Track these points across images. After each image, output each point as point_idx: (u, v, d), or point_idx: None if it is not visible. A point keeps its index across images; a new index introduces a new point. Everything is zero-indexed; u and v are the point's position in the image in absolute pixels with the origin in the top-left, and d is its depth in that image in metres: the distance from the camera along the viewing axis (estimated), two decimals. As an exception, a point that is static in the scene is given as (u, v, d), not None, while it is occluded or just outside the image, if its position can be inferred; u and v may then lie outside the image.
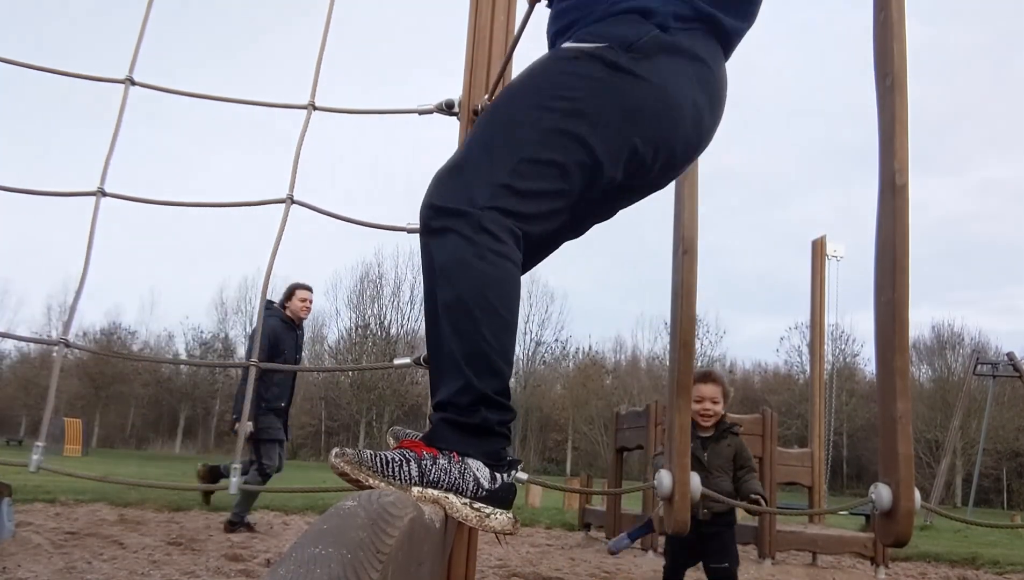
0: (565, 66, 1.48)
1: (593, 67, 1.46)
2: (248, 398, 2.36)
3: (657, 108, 1.47)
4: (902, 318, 1.34)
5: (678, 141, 1.53)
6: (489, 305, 1.36)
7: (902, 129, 1.33)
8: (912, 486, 1.69)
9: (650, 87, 1.46)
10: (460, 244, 1.37)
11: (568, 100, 1.44)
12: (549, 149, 1.43)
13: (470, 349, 1.35)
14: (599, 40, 1.48)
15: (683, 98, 1.50)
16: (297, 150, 2.46)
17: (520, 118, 1.45)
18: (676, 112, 1.49)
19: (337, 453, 1.31)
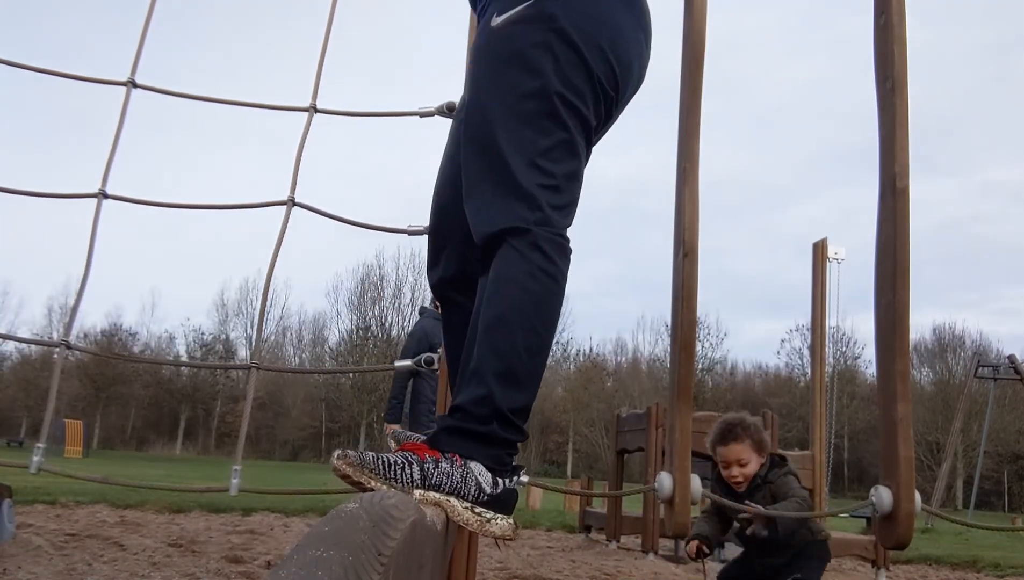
0: (510, 43, 1.52)
1: (534, 31, 1.50)
2: (249, 401, 2.36)
3: (600, 31, 1.53)
4: (903, 321, 1.35)
5: (632, 60, 1.60)
6: (529, 323, 1.38)
7: (903, 132, 1.33)
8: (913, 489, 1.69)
9: (588, 12, 1.52)
10: (515, 259, 1.42)
11: (534, 76, 1.49)
12: (549, 132, 1.48)
13: (501, 364, 1.37)
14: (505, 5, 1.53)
15: (619, 18, 1.56)
16: (298, 152, 2.47)
17: (512, 117, 1.49)
18: (618, 31, 1.56)
19: (339, 455, 1.31)
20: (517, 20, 1.51)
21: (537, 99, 1.48)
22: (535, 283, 1.40)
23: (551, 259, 1.42)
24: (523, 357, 1.37)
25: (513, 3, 1.53)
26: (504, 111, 1.49)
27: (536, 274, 1.40)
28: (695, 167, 1.89)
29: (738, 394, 44.00)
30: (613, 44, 1.54)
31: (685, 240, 1.97)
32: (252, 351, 8.85)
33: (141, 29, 2.55)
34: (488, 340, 1.38)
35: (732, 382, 46.23)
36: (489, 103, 1.52)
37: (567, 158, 1.50)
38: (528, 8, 1.51)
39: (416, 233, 2.29)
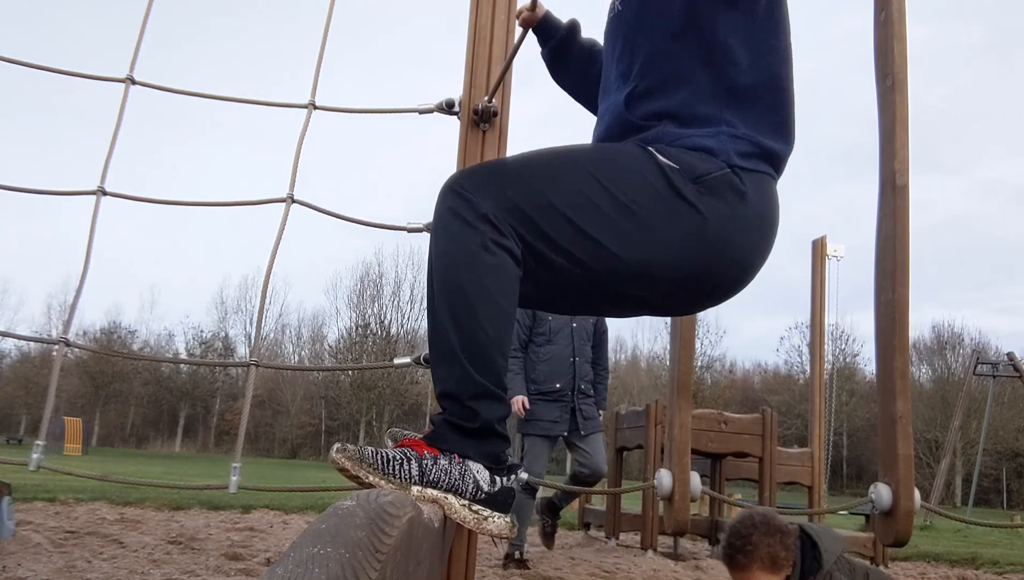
0: (641, 165, 1.47)
1: (660, 181, 1.45)
2: (248, 398, 2.36)
3: (704, 244, 1.46)
4: (902, 318, 1.35)
5: (708, 280, 1.52)
6: (488, 295, 1.36)
7: (903, 129, 1.33)
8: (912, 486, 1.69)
9: (704, 223, 1.45)
10: (463, 229, 1.38)
11: (628, 196, 1.43)
12: (584, 218, 1.41)
13: (467, 339, 1.35)
14: (671, 160, 1.47)
15: (736, 241, 1.49)
16: (297, 149, 2.46)
17: (575, 176, 1.44)
18: (723, 254, 1.49)
19: (338, 448, 1.31)
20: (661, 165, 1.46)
21: (612, 202, 1.42)
22: (488, 254, 1.37)
23: (503, 233, 1.39)
24: (487, 331, 1.36)
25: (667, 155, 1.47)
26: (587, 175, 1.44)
27: (488, 245, 1.38)
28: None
29: (737, 391, 44.04)
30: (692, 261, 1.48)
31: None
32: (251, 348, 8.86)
33: (140, 26, 2.55)
34: (451, 318, 1.37)
35: (731, 380, 46.27)
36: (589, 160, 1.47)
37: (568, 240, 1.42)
38: (674, 170, 1.45)
39: (415, 230, 2.29)
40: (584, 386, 5.01)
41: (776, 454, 6.08)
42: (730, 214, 1.47)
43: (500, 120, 2.19)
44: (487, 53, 2.24)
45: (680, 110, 1.54)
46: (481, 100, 2.17)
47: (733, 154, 1.49)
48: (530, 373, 4.94)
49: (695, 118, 1.53)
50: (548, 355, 4.96)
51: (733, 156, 1.49)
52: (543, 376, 4.92)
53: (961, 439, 28.46)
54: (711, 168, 1.47)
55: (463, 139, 2.18)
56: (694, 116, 1.53)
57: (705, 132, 1.51)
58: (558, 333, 4.98)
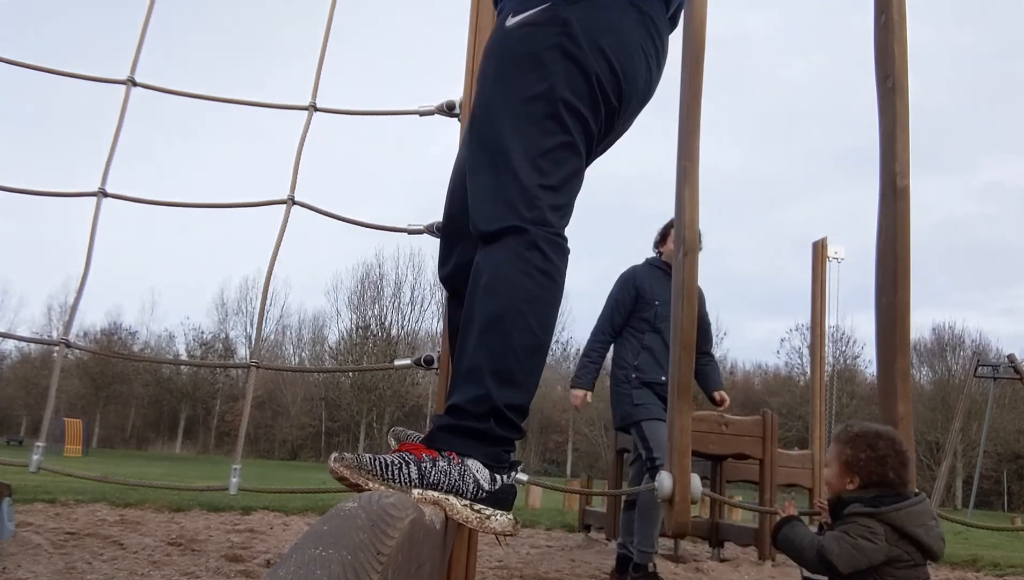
0: (523, 45, 1.53)
1: (546, 34, 1.51)
2: (248, 400, 2.36)
3: (611, 41, 1.54)
4: (903, 320, 1.35)
5: (638, 73, 1.60)
6: (525, 323, 1.37)
7: (903, 131, 1.33)
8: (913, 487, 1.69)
9: (601, 21, 1.53)
10: (510, 258, 1.41)
11: (543, 78, 1.50)
12: (552, 134, 1.49)
13: (498, 363, 1.36)
14: (537, 1, 1.54)
15: (630, 32, 1.57)
16: (298, 151, 2.47)
17: (517, 116, 1.50)
18: (627, 43, 1.56)
19: (336, 458, 1.31)
20: (530, 22, 1.53)
21: (543, 101, 1.49)
22: (532, 282, 1.39)
23: (548, 258, 1.42)
24: (520, 357, 1.37)
25: (528, 5, 1.55)
26: (509, 110, 1.50)
27: (533, 273, 1.39)
28: (695, 166, 1.89)
29: (738, 393, 44.00)
30: (620, 54, 1.55)
31: (685, 239, 1.97)
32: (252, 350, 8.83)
33: (141, 27, 2.55)
34: (485, 339, 1.37)
35: (732, 381, 46.25)
36: (495, 101, 1.53)
37: (568, 160, 1.51)
38: (542, 12, 1.52)
39: (415, 232, 2.29)
40: None
41: (777, 456, 6.08)
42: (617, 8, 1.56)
43: (501, 122, 2.19)
44: (488, 55, 2.24)
45: None
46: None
47: None
48: (630, 359, 4.37)
49: None
50: (651, 343, 4.37)
51: None
52: (646, 366, 4.34)
53: (962, 441, 28.45)
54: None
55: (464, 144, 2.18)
56: None
57: None
58: (664, 320, 4.26)
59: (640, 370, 4.32)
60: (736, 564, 5.73)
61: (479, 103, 1.59)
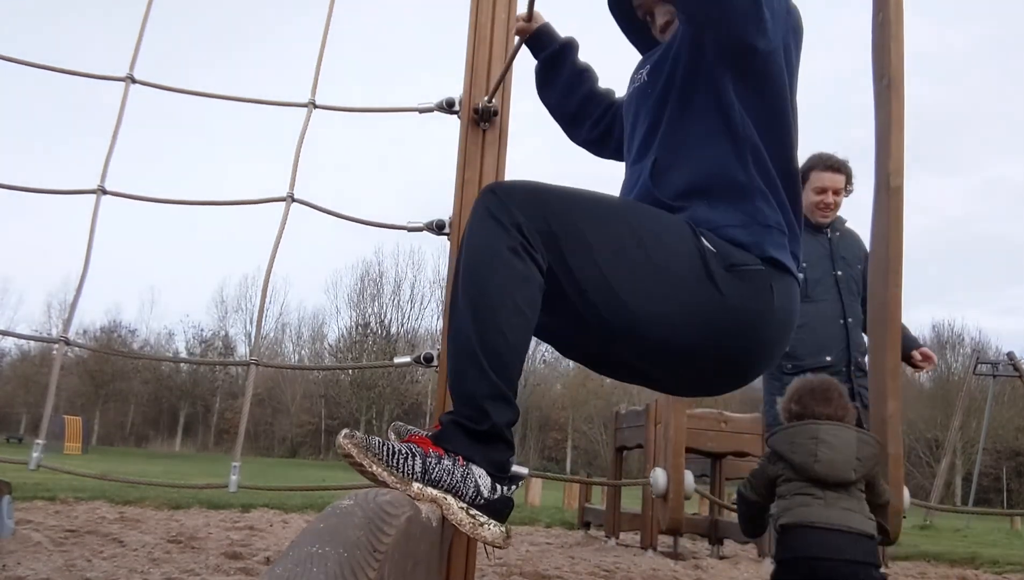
0: (683, 239, 1.49)
1: (696, 258, 1.47)
2: (248, 397, 2.36)
3: (716, 325, 1.49)
4: (895, 318, 1.35)
5: (714, 363, 1.55)
6: (512, 300, 1.37)
7: (898, 130, 1.33)
8: (902, 486, 1.70)
9: (724, 305, 1.48)
10: (497, 231, 1.39)
11: (660, 257, 1.46)
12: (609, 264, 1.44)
13: (488, 339, 1.36)
14: (711, 244, 1.50)
15: (746, 334, 1.52)
16: (297, 148, 2.47)
17: (614, 221, 1.46)
18: (734, 341, 1.52)
19: (347, 434, 1.31)
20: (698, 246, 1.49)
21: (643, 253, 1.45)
22: (517, 260, 1.38)
23: (533, 245, 1.40)
24: (507, 335, 1.37)
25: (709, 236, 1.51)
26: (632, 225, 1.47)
27: (519, 251, 1.38)
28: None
29: (737, 392, 43.93)
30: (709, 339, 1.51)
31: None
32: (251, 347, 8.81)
33: (140, 25, 2.55)
34: (473, 317, 1.38)
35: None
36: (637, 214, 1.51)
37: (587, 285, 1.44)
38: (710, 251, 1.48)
39: (415, 229, 2.29)
40: (861, 359, 3.45)
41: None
42: (752, 303, 1.50)
43: (500, 120, 2.19)
44: (487, 53, 2.24)
45: (708, 184, 1.57)
46: (481, 99, 2.17)
47: (766, 245, 1.53)
48: None
49: (724, 195, 1.56)
50: (807, 316, 3.18)
51: (767, 248, 1.53)
52: (804, 347, 3.43)
53: (961, 438, 28.45)
54: (747, 260, 1.51)
55: (463, 138, 2.19)
56: (723, 193, 1.56)
57: (738, 221, 1.54)
58: (817, 285, 3.53)
59: (794, 356, 3.40)
60: (735, 561, 5.73)
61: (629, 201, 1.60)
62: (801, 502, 2.05)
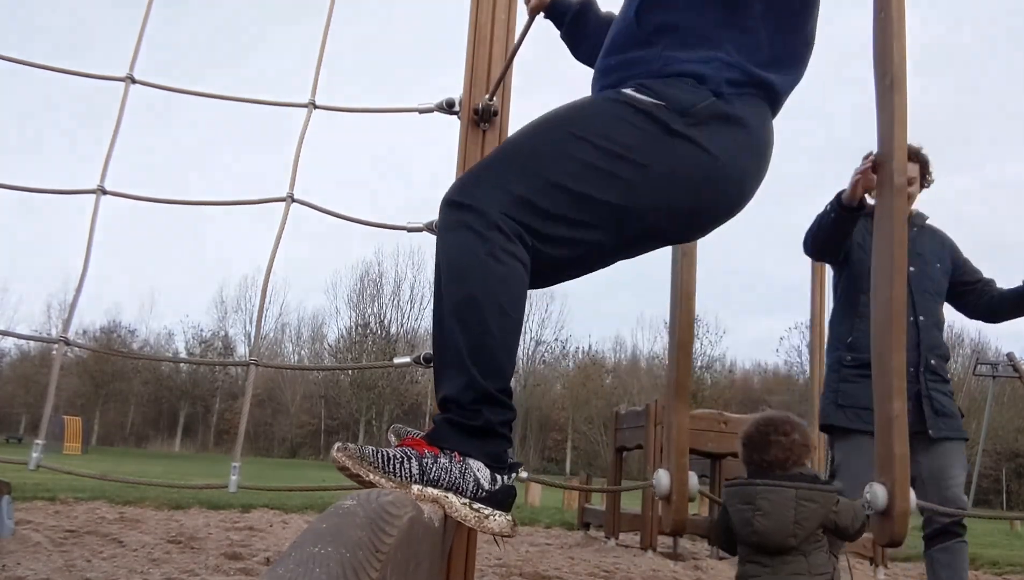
0: (620, 111, 1.46)
1: (647, 123, 1.44)
2: (248, 397, 2.36)
3: (704, 178, 1.46)
4: (899, 318, 1.35)
5: (717, 209, 1.54)
6: (497, 303, 1.36)
7: (901, 130, 1.33)
8: (907, 486, 1.70)
9: (702, 156, 1.45)
10: (472, 240, 1.38)
11: (619, 144, 1.42)
12: (584, 183, 1.41)
13: (475, 345, 1.35)
14: (656, 97, 1.46)
15: (733, 169, 1.49)
16: (297, 149, 2.46)
17: (562, 143, 1.43)
18: (723, 184, 1.50)
19: (339, 447, 1.31)
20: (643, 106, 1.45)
21: (606, 155, 1.41)
22: (496, 263, 1.37)
23: (511, 239, 1.38)
24: (496, 336, 1.37)
25: (647, 92, 1.46)
26: (572, 138, 1.43)
27: (497, 253, 1.37)
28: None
29: (737, 392, 44.03)
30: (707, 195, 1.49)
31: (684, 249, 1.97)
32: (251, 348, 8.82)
33: (140, 24, 2.55)
34: (459, 325, 1.37)
35: (731, 380, 46.28)
36: (568, 122, 1.47)
37: (578, 210, 1.41)
38: (659, 106, 1.44)
39: (415, 230, 2.29)
40: (935, 362, 3.12)
41: (776, 454, 6.08)
42: (731, 143, 1.48)
43: (500, 119, 2.19)
44: (487, 52, 2.24)
45: (682, 22, 1.54)
46: (481, 99, 2.17)
47: (722, 82, 1.49)
48: (843, 334, 3.14)
49: (695, 35, 1.52)
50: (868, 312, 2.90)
51: (722, 84, 1.49)
52: (866, 339, 2.96)
53: (961, 439, 28.42)
54: (697, 99, 1.46)
55: (463, 138, 2.19)
56: (694, 31, 1.52)
57: (698, 56, 1.50)
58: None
59: (854, 348, 3.09)
60: (735, 562, 5.73)
61: (548, 114, 1.52)
62: (752, 571, 2.08)
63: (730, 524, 2.15)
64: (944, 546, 2.89)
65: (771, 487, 2.04)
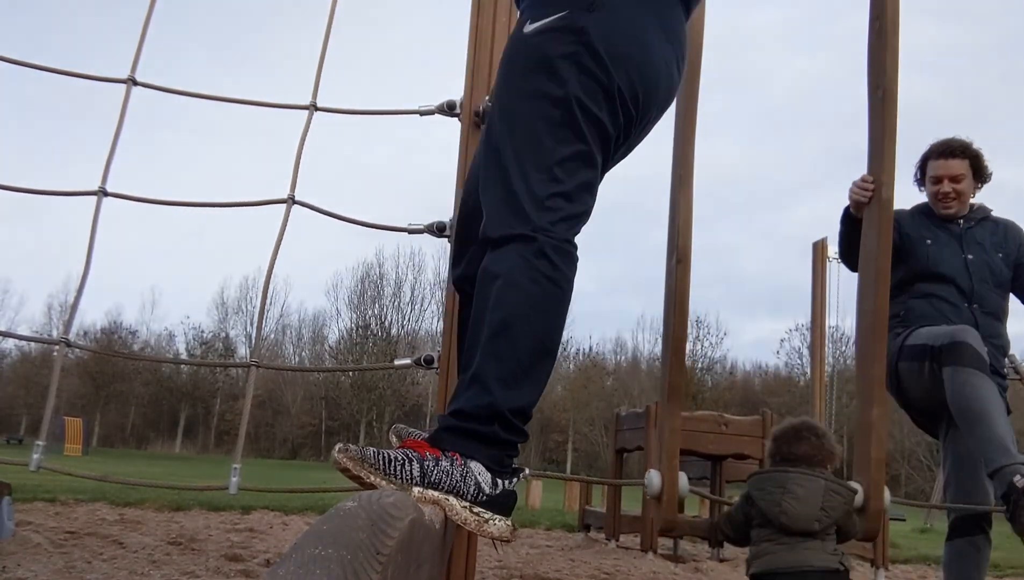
0: (539, 51, 1.52)
1: (563, 41, 1.50)
2: (248, 399, 2.36)
3: (629, 50, 1.52)
4: (880, 328, 1.35)
5: (659, 81, 1.58)
6: (532, 329, 1.38)
7: (891, 142, 1.33)
8: (883, 486, 1.73)
9: (619, 30, 1.51)
10: (519, 265, 1.41)
11: (559, 86, 1.48)
12: (568, 142, 1.48)
13: (505, 370, 1.36)
14: (556, 8, 1.53)
15: (651, 37, 1.55)
16: (299, 150, 2.47)
17: (532, 123, 1.49)
18: (647, 52, 1.55)
19: (340, 448, 1.32)
20: (546, 29, 1.52)
21: (558, 107, 1.48)
22: (539, 289, 1.39)
23: (556, 266, 1.42)
24: (526, 363, 1.37)
25: (546, 12, 1.54)
26: (524, 116, 1.50)
27: (540, 281, 1.39)
28: (690, 173, 1.89)
29: (737, 393, 44.00)
30: (640, 64, 1.54)
31: (678, 246, 1.97)
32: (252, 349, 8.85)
33: (141, 27, 2.55)
34: (492, 345, 1.37)
35: (731, 381, 46.24)
36: (510, 107, 1.53)
37: (583, 169, 1.50)
38: (559, 19, 1.51)
39: (416, 232, 2.29)
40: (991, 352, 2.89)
41: (776, 456, 6.08)
42: (636, 14, 1.54)
43: (501, 122, 2.19)
44: (488, 55, 2.24)
45: None
46: (482, 101, 2.17)
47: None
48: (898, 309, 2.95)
49: None
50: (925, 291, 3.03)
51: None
52: (921, 311, 3.02)
53: (961, 441, 28.36)
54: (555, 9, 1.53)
55: (464, 140, 2.19)
56: None
57: None
58: (941, 262, 3.05)
59: (909, 320, 3.01)
60: (735, 564, 5.73)
61: (494, 109, 1.59)
62: (767, 549, 2.17)
63: (749, 511, 2.24)
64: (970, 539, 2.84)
65: (804, 474, 2.15)
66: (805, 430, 2.24)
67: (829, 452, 2.21)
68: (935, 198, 3.12)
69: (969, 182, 3.07)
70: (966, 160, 3.09)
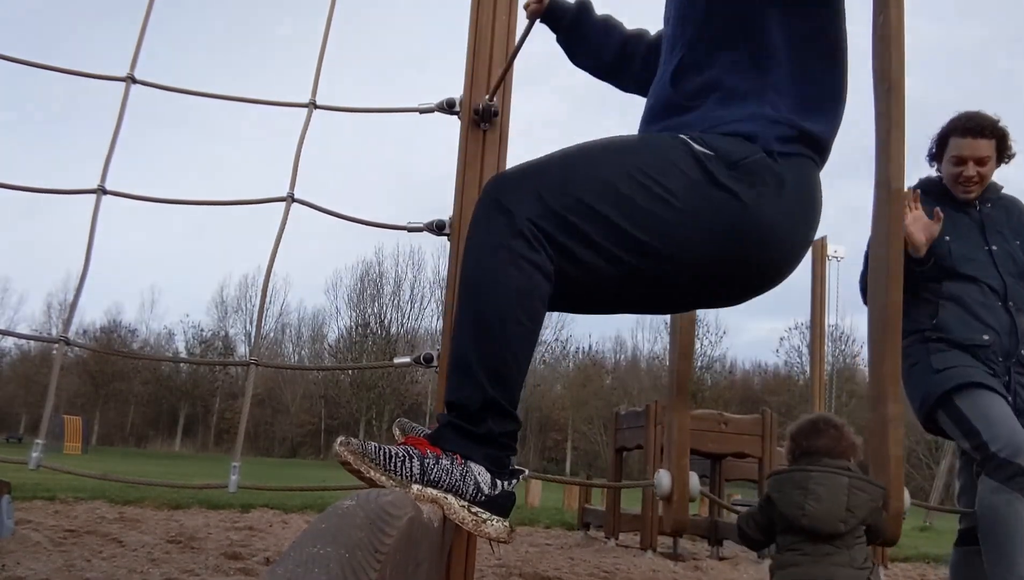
0: (674, 154, 1.45)
1: (696, 170, 1.43)
2: (248, 397, 2.36)
3: (733, 227, 1.44)
4: (894, 323, 1.35)
5: (761, 266, 1.51)
6: (513, 312, 1.36)
7: (899, 135, 1.33)
8: (902, 487, 1.70)
9: (743, 210, 1.43)
10: (495, 244, 1.38)
11: (663, 187, 1.41)
12: (619, 213, 1.40)
13: (487, 353, 1.35)
14: (707, 148, 1.45)
15: (766, 225, 1.46)
16: (298, 148, 2.46)
17: (610, 172, 1.43)
18: (753, 235, 1.46)
19: (342, 442, 1.32)
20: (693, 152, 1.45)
21: (646, 194, 1.41)
22: (517, 271, 1.37)
23: (534, 248, 1.38)
24: (508, 346, 1.37)
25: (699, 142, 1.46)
26: (618, 168, 1.43)
27: (519, 262, 1.37)
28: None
29: (737, 392, 44.03)
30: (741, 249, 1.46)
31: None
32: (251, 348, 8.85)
33: (141, 24, 2.55)
34: (472, 330, 1.38)
35: (731, 380, 46.28)
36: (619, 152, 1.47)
37: (606, 237, 1.41)
38: (708, 155, 1.44)
39: (415, 230, 2.29)
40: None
41: (776, 455, 6.08)
42: (768, 200, 1.45)
43: (501, 120, 2.19)
44: (488, 53, 2.24)
45: (718, 82, 1.53)
46: (482, 100, 2.17)
47: (772, 140, 1.48)
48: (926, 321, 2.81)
49: (737, 92, 1.52)
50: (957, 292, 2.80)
51: (772, 141, 1.48)
52: (953, 322, 2.78)
53: (961, 440, 28.38)
54: (747, 153, 1.45)
55: (464, 139, 2.19)
56: (736, 90, 1.52)
57: (744, 115, 1.50)
58: (966, 262, 2.82)
59: (942, 329, 2.79)
60: (735, 562, 5.74)
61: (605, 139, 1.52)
62: (791, 560, 2.04)
63: (773, 514, 2.11)
64: None
65: (824, 472, 2.03)
66: (823, 423, 2.16)
67: (850, 443, 2.12)
68: (955, 180, 2.87)
69: (993, 165, 2.86)
70: (993, 140, 2.87)
